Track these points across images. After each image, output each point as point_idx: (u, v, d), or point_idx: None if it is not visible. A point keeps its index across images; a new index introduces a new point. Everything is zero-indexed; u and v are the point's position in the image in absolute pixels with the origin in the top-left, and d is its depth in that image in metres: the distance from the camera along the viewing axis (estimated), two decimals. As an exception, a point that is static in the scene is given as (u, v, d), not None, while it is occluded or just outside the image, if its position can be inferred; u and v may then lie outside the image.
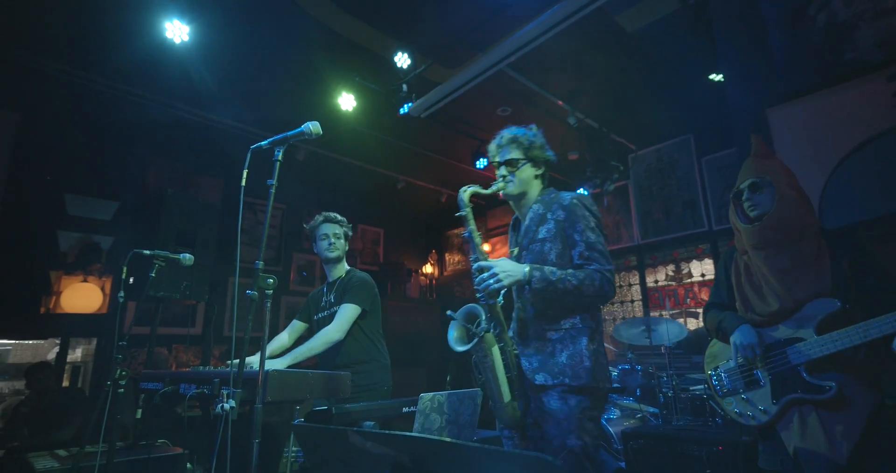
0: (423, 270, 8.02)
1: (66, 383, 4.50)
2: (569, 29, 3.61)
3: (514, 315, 1.92)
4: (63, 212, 4.82)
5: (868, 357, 1.73)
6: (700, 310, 5.15)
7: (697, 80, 4.37)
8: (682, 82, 4.55)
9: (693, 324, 5.09)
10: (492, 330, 1.74)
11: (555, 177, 6.19)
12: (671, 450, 2.46)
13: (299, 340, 2.80)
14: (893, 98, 2.70)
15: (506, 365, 1.75)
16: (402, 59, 4.25)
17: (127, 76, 4.19)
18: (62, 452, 2.45)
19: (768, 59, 3.10)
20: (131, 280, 2.97)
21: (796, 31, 3.03)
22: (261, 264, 1.61)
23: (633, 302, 5.85)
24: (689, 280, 5.39)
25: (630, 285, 5.90)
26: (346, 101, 4.55)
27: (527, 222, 1.91)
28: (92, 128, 4.81)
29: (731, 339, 1.97)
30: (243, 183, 1.73)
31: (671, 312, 5.36)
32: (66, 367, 4.54)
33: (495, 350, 1.74)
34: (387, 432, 0.68)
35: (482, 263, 1.74)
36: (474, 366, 1.84)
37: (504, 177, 1.92)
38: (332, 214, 2.83)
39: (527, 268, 1.68)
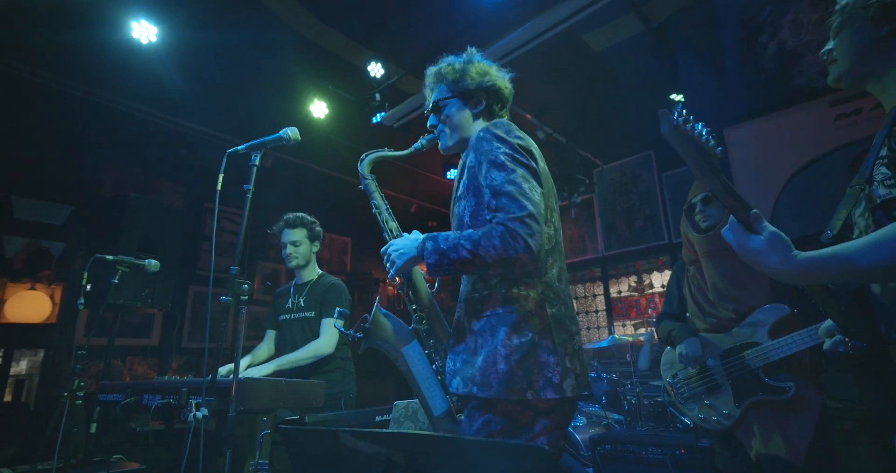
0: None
1: (8, 397, 4.20)
2: (539, 46, 3.73)
3: None
4: (10, 216, 4.54)
5: (812, 361, 1.87)
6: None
7: (659, 99, 4.59)
8: (644, 100, 4.76)
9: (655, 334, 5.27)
10: (417, 325, 1.41)
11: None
12: (637, 455, 2.54)
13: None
14: (835, 121, 2.94)
15: (438, 368, 1.39)
16: (376, 69, 4.27)
17: (88, 76, 4.03)
18: (7, 470, 2.29)
19: (725, 81, 3.31)
20: (88, 287, 2.83)
21: (750, 57, 3.25)
22: (236, 269, 1.58)
23: (597, 312, 6.00)
24: (650, 291, 5.58)
25: (595, 295, 6.06)
26: (319, 109, 4.53)
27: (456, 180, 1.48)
28: (45, 129, 4.58)
29: (677, 349, 2.10)
30: (219, 187, 1.70)
31: (633, 322, 5.52)
32: (10, 381, 4.25)
33: (409, 349, 1.38)
34: (379, 430, 0.69)
35: (383, 248, 1.38)
36: None
37: (435, 126, 1.50)
38: (292, 216, 2.71)
39: (420, 240, 1.29)
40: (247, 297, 1.56)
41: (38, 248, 4.64)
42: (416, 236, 1.33)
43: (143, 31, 3.48)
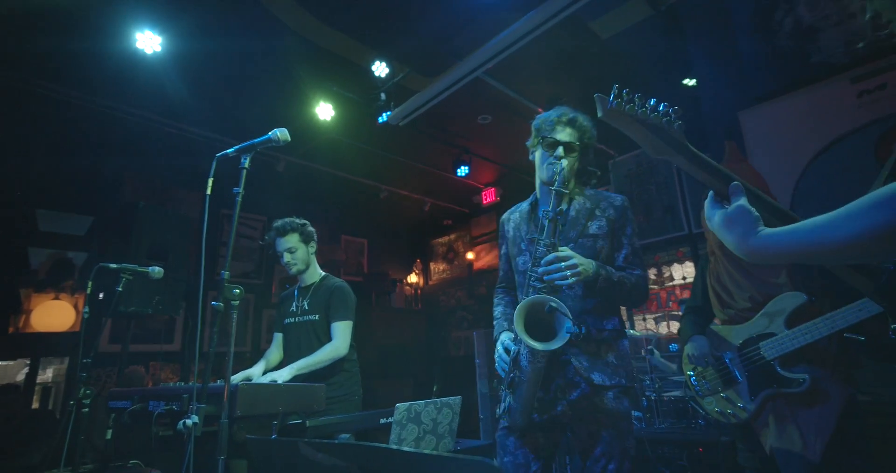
0: (408, 280, 7.97)
1: (35, 405, 4.33)
2: (544, 35, 3.64)
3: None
4: (34, 228, 4.68)
5: (840, 352, 1.76)
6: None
7: (672, 85, 4.44)
8: (656, 87, 4.62)
9: (676, 327, 5.11)
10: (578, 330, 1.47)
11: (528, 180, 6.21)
12: (654, 453, 2.45)
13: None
14: (858, 98, 2.77)
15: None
16: (380, 68, 4.24)
17: (98, 87, 4.11)
18: (27, 477, 2.34)
19: (739, 63, 3.16)
20: (101, 295, 2.88)
21: (764, 35, 3.10)
22: (226, 274, 1.57)
23: (617, 306, 5.85)
24: (670, 283, 5.41)
25: (614, 290, 5.92)
26: (325, 111, 4.53)
27: (573, 213, 1.75)
28: (65, 142, 4.70)
29: (685, 351, 2.09)
30: (208, 191, 1.69)
31: (654, 315, 5.37)
32: (36, 388, 4.38)
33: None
34: (334, 442, 0.65)
35: (564, 252, 1.51)
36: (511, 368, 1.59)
37: (560, 158, 1.69)
38: (280, 223, 2.67)
39: (594, 265, 1.57)
40: (237, 302, 1.54)
41: (61, 259, 4.78)
42: (583, 258, 1.56)
43: (148, 41, 3.53)
